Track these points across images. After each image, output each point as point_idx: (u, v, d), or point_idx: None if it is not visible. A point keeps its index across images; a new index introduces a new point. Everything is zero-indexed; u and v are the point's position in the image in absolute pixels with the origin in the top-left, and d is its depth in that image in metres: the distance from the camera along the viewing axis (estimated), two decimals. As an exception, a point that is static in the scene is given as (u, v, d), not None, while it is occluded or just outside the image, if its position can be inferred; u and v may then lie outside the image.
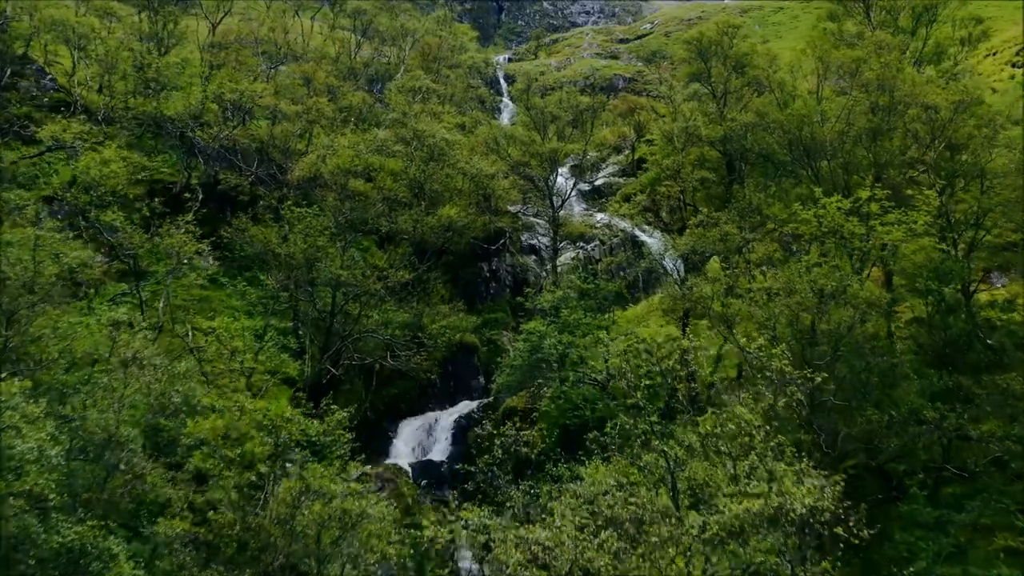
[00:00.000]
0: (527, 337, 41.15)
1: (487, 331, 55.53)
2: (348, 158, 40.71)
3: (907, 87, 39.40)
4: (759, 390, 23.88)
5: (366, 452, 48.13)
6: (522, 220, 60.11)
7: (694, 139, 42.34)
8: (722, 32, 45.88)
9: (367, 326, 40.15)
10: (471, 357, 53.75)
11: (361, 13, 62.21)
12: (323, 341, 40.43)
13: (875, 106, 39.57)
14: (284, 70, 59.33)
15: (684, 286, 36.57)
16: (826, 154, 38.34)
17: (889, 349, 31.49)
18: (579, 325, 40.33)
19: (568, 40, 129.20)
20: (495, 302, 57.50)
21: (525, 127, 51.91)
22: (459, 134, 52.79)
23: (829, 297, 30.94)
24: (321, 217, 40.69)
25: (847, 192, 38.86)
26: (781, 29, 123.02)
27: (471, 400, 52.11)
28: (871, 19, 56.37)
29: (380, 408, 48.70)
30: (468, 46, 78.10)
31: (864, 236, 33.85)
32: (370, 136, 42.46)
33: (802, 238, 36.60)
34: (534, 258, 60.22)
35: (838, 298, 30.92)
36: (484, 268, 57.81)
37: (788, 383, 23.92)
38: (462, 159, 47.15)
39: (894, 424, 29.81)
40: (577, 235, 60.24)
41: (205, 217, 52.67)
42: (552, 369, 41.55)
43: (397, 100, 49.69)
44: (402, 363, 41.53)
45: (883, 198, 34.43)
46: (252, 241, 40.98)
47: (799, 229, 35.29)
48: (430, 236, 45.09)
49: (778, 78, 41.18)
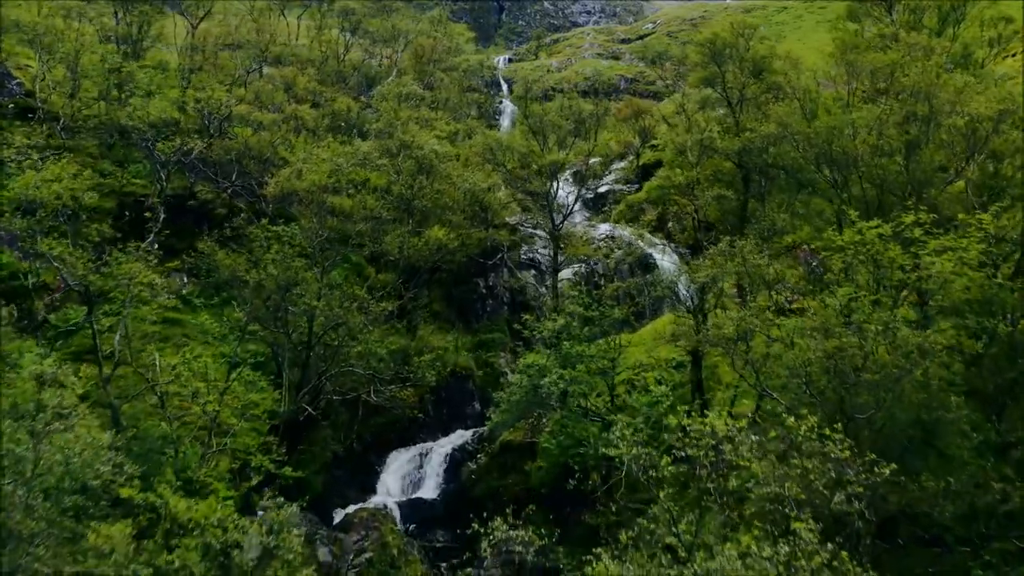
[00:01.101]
0: (525, 371, 36.19)
1: (483, 353, 50.55)
2: (325, 174, 35.60)
3: (948, 94, 34.35)
4: (808, 478, 18.88)
5: (352, 488, 43.53)
6: (521, 232, 55.10)
7: (709, 152, 37.30)
8: (737, 33, 40.75)
9: (347, 359, 35.14)
10: (466, 382, 48.75)
11: (350, 13, 57.10)
12: (299, 376, 35.42)
13: (911, 116, 34.49)
14: (268, 73, 54.30)
15: (702, 325, 31.54)
16: (858, 170, 33.26)
17: (941, 399, 26.48)
18: (582, 359, 35.35)
19: (569, 40, 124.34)
20: (492, 320, 52.47)
21: (523, 135, 46.83)
22: (454, 143, 47.84)
23: (873, 342, 25.92)
24: (297, 238, 35.61)
25: (881, 213, 33.81)
26: (785, 29, 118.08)
27: (465, 428, 47.12)
28: (893, 18, 51.32)
29: (367, 439, 43.69)
30: (464, 47, 72.70)
31: (907, 267, 28.83)
32: (351, 149, 37.31)
33: (833, 263, 31.49)
34: (533, 273, 55.19)
35: (884, 342, 25.93)
36: (480, 284, 52.78)
37: (845, 473, 18.91)
38: (454, 173, 42.10)
39: (951, 493, 24.82)
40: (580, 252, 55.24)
41: (181, 231, 47.81)
42: (552, 408, 36.66)
43: (384, 108, 44.63)
44: (386, 399, 36.52)
45: (928, 222, 29.37)
46: (219, 267, 35.97)
47: (831, 258, 30.25)
48: (418, 259, 40.08)
49: (803, 84, 36.13)
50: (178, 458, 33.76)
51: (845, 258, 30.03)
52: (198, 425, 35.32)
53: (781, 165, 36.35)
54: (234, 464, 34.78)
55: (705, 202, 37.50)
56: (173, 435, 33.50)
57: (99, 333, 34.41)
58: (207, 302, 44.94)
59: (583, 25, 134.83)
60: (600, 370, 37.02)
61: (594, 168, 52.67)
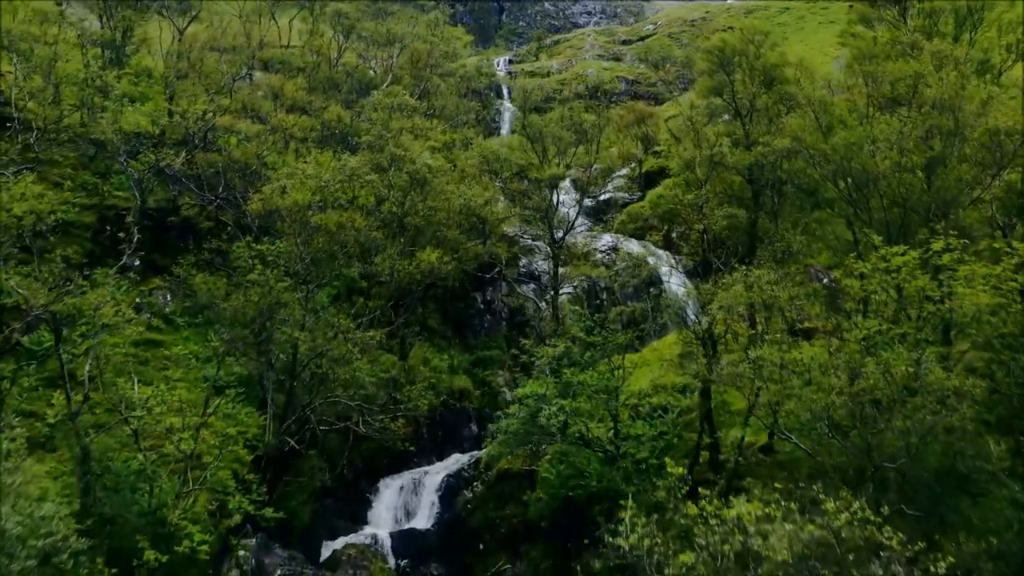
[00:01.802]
0: (523, 401, 33.50)
1: (480, 371, 47.75)
2: (309, 192, 32.81)
3: (974, 106, 31.58)
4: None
5: (342, 518, 40.72)
6: (520, 244, 52.29)
7: (718, 167, 34.49)
8: (747, 40, 37.89)
9: (334, 388, 32.40)
10: (462, 401, 46.02)
11: (343, 16, 54.17)
12: (282, 407, 32.69)
13: (933, 130, 31.68)
14: (256, 81, 51.42)
15: (712, 356, 28.81)
16: (879, 189, 30.48)
17: (978, 446, 23.78)
18: (584, 389, 32.64)
19: (570, 41, 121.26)
20: (490, 337, 49.63)
21: (522, 146, 43.96)
22: (450, 152, 45.03)
23: (902, 381, 23.24)
24: (282, 259, 32.84)
25: (904, 234, 31.06)
26: (787, 30, 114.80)
27: (462, 452, 44.36)
28: (907, 22, 48.49)
29: (358, 465, 40.91)
30: (461, 52, 69.69)
31: (935, 297, 26.14)
32: (338, 164, 34.46)
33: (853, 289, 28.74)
34: (533, 286, 52.39)
35: (915, 385, 23.26)
36: (478, 299, 49.98)
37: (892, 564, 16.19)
38: (449, 189, 39.30)
39: (995, 554, 22.10)
40: (580, 256, 52.53)
41: (164, 246, 45.06)
42: (552, 437, 33.95)
43: (375, 118, 41.78)
44: (376, 430, 33.80)
45: (959, 247, 26.65)
46: (196, 291, 33.25)
47: (852, 285, 27.52)
48: (409, 281, 37.29)
49: (819, 96, 33.30)
50: (152, 496, 31.21)
51: (868, 286, 27.29)
52: (176, 457, 32.66)
53: (796, 183, 33.58)
54: (211, 505, 32.07)
55: (714, 221, 34.74)
56: (148, 470, 30.89)
57: (74, 357, 31.74)
58: (191, 321, 42.15)
59: (584, 26, 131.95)
60: (603, 392, 34.39)
61: (595, 178, 49.73)
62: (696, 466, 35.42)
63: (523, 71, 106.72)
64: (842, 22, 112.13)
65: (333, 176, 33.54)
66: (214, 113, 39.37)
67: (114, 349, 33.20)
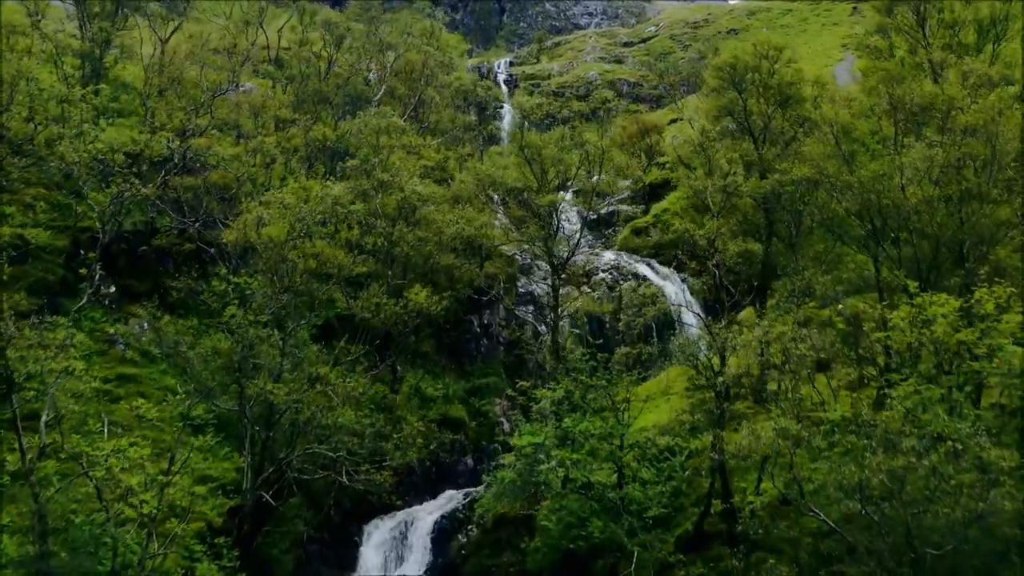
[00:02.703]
0: (521, 451, 30.30)
1: (477, 401, 44.47)
2: (285, 229, 29.48)
3: (1012, 131, 28.24)
4: None
5: (328, 565, 37.45)
6: (519, 263, 48.97)
7: (732, 197, 31.16)
8: (760, 55, 34.51)
9: (313, 441, 29.22)
10: (457, 433, 42.75)
11: (333, 25, 50.63)
12: (258, 459, 29.46)
13: (967, 159, 28.32)
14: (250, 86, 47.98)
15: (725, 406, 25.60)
16: (909, 225, 27.19)
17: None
18: (587, 439, 29.46)
19: (571, 43, 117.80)
20: (486, 363, 46.30)
21: (519, 168, 40.55)
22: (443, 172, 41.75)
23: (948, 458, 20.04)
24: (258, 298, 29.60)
25: (936, 276, 27.78)
26: (790, 32, 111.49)
27: (456, 488, 41.18)
28: (925, 34, 45.05)
29: (345, 506, 37.72)
30: (458, 62, 66.10)
31: (980, 353, 22.91)
32: (318, 194, 31.06)
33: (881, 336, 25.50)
34: (532, 308, 49.12)
35: (966, 464, 20.06)
36: (474, 322, 46.62)
37: None
38: (440, 218, 35.97)
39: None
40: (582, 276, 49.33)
41: (142, 271, 41.80)
42: (551, 491, 30.78)
43: (364, 138, 38.46)
44: (361, 482, 30.62)
45: (1005, 297, 23.41)
46: (161, 334, 30.03)
47: (886, 339, 24.31)
48: (397, 323, 34.01)
49: (842, 120, 29.89)
50: (116, 556, 28.10)
51: (901, 337, 24.02)
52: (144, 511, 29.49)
53: (818, 219, 30.27)
54: (182, 561, 28.93)
55: (728, 257, 31.47)
56: (112, 531, 27.72)
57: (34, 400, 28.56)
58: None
59: (585, 27, 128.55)
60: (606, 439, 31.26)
61: (597, 193, 46.31)
62: (707, 517, 32.36)
63: (523, 74, 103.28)
64: (845, 24, 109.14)
65: (314, 207, 30.21)
66: (192, 132, 36.06)
67: (77, 396, 29.99)
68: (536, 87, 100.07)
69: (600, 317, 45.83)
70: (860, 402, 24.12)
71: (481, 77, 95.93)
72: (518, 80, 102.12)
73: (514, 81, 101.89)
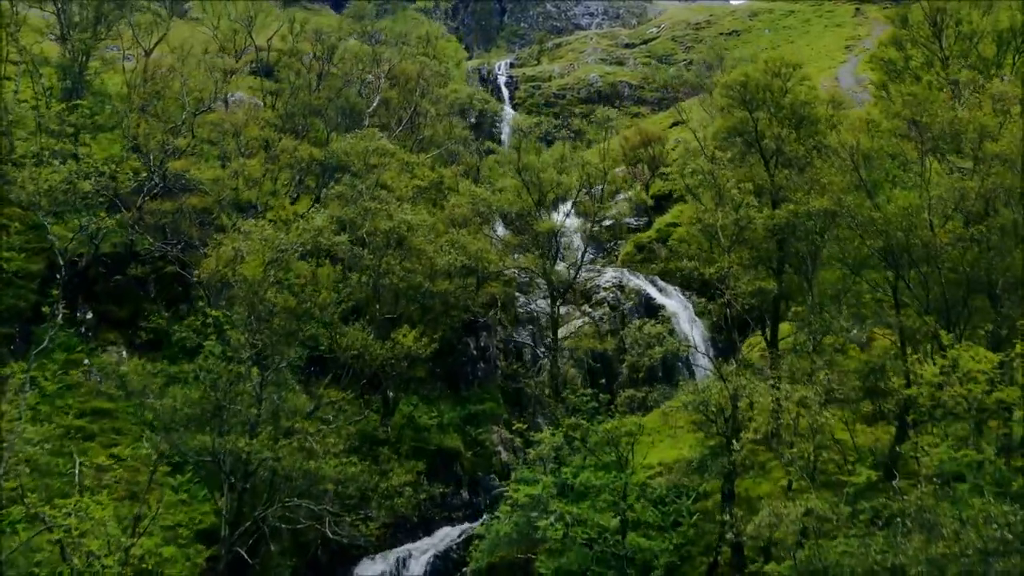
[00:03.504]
0: (517, 503, 27.80)
1: (473, 429, 41.86)
2: (261, 266, 26.92)
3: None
4: None
5: (315, 608, 35.31)
6: (517, 281, 46.32)
7: (745, 231, 28.51)
8: (772, 73, 31.88)
9: (290, 494, 26.75)
10: (452, 464, 40.28)
11: (324, 35, 47.92)
12: (234, 512, 26.96)
13: (998, 190, 25.69)
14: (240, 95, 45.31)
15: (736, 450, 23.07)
16: (939, 265, 24.62)
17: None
18: (587, 491, 26.96)
19: (572, 44, 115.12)
20: (483, 387, 43.66)
21: (516, 191, 37.94)
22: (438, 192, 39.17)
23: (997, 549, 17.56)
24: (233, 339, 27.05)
25: (967, 320, 25.22)
26: (793, 33, 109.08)
27: (451, 525, 38.72)
28: (942, 46, 42.40)
29: (333, 548, 35.27)
30: (455, 72, 63.27)
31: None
32: (298, 226, 28.48)
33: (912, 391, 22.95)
34: (532, 327, 46.52)
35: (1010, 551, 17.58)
36: (470, 345, 43.99)
37: None
38: (430, 248, 33.39)
39: None
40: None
41: (121, 295, 39.28)
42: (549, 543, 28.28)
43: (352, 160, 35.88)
44: (345, 535, 28.14)
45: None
46: (126, 381, 27.55)
47: (915, 392, 21.77)
48: (384, 364, 31.46)
49: (864, 147, 27.25)
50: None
51: (931, 393, 21.50)
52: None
53: (837, 254, 27.68)
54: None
55: (740, 293, 28.91)
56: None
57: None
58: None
59: (586, 28, 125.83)
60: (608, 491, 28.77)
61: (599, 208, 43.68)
62: (717, 568, 29.92)
63: (524, 76, 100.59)
64: (848, 25, 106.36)
65: (294, 239, 27.65)
66: (172, 153, 33.54)
67: (41, 444, 27.49)
68: (536, 89, 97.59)
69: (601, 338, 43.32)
70: (881, 443, 21.56)
71: (482, 79, 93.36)
72: (518, 82, 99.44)
73: (514, 83, 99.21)
